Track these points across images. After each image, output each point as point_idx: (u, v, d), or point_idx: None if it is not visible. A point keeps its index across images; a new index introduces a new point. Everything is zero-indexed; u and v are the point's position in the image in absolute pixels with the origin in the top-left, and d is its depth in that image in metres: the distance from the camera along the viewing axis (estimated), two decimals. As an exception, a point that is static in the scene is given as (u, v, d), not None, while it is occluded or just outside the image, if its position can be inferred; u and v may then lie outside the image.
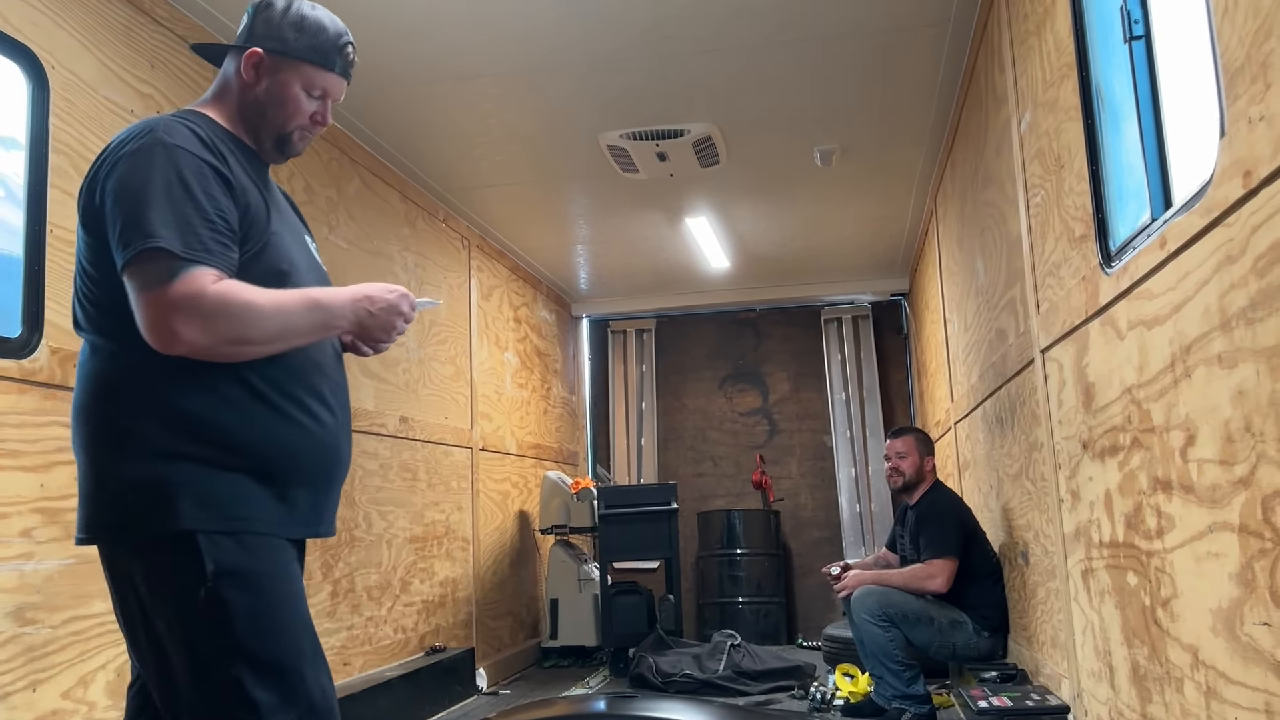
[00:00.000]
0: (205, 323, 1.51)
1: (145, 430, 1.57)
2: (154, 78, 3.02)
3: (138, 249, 1.51)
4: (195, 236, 1.53)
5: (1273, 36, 1.33)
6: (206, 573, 1.53)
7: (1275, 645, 1.45)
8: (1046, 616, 3.21)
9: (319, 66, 1.84)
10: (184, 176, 1.57)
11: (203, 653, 1.54)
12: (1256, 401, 1.46)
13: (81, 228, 1.64)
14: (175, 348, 1.52)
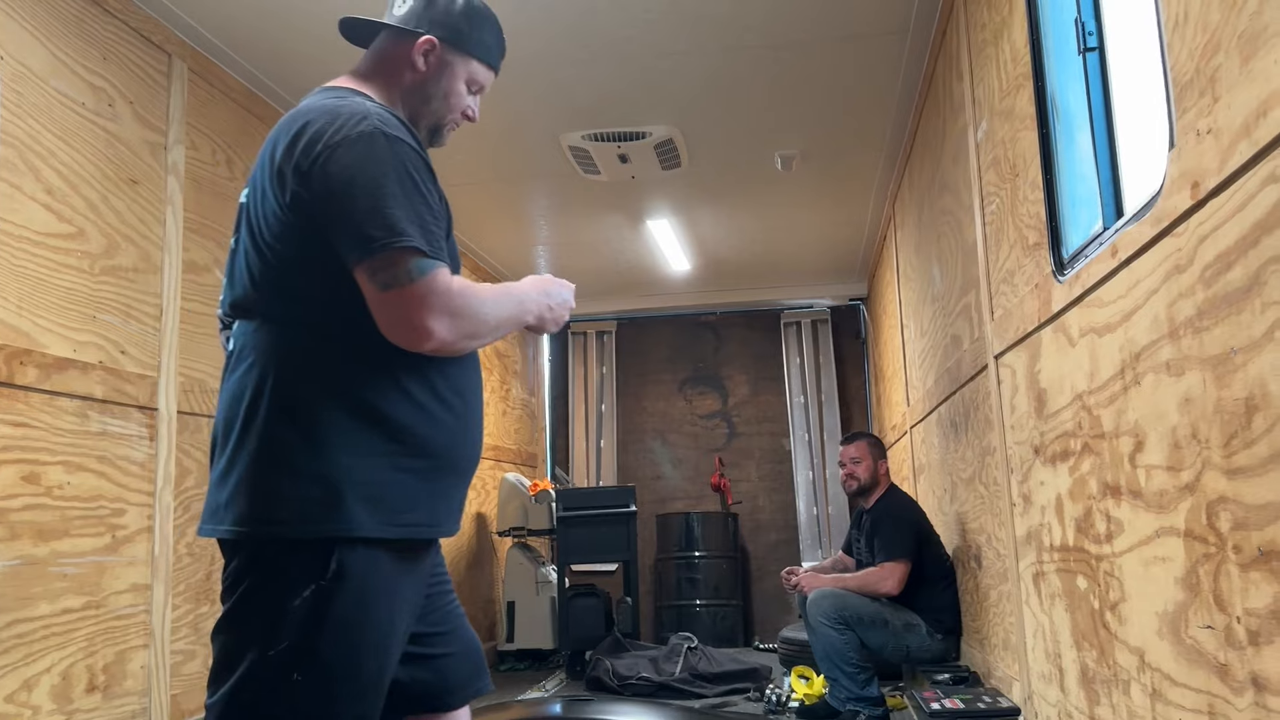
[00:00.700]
0: (454, 320, 1.50)
1: (331, 423, 1.51)
2: (106, 70, 2.97)
3: (386, 245, 1.46)
4: (432, 234, 1.51)
5: (1221, 51, 1.35)
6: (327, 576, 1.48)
7: (1218, 648, 1.48)
8: (998, 619, 3.24)
9: (484, 63, 1.84)
10: (410, 171, 1.55)
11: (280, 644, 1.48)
12: (1203, 409, 1.48)
13: (283, 210, 1.54)
14: (424, 344, 1.49)
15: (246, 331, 1.60)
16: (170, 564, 3.09)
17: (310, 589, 1.47)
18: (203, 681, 3.20)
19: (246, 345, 1.59)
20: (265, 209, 1.58)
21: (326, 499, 1.48)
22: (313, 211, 1.52)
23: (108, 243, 2.92)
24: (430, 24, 1.77)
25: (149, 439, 3.04)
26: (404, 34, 1.77)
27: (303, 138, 1.55)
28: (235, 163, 3.63)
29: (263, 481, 1.50)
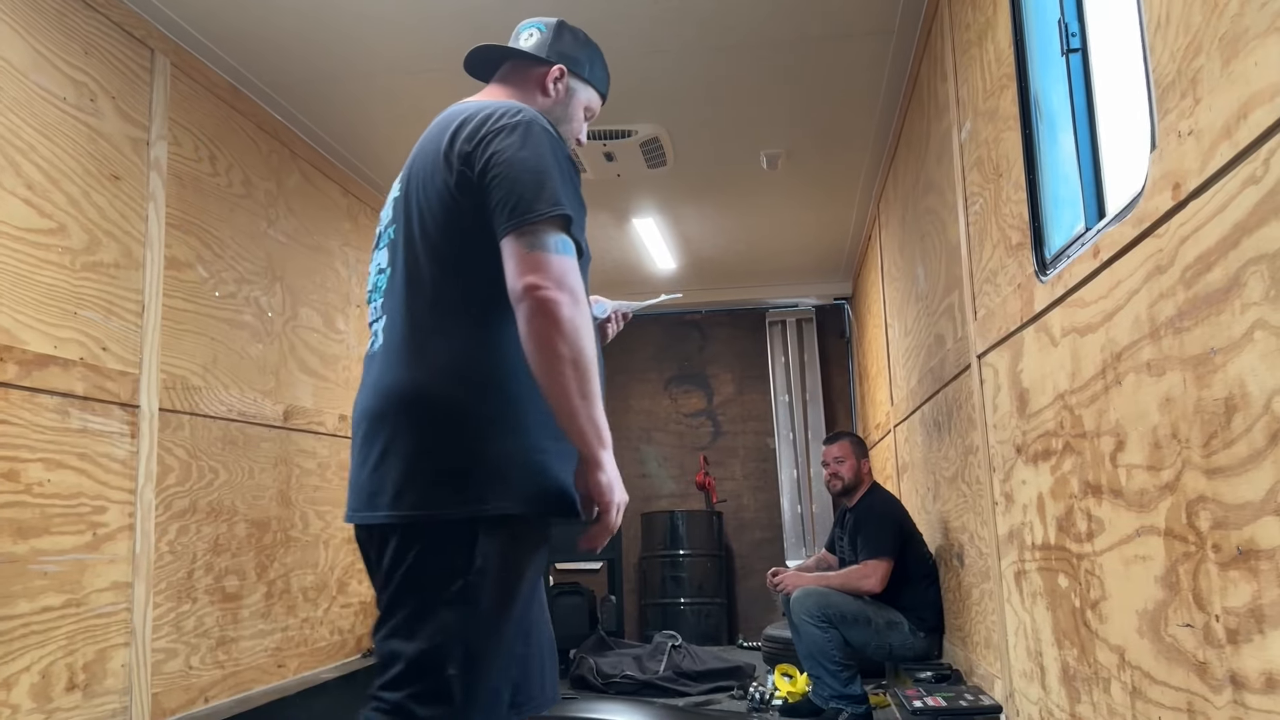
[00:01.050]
0: (578, 309, 1.56)
1: (481, 402, 1.59)
2: (88, 64, 2.95)
3: (546, 213, 1.55)
4: (580, 225, 1.62)
5: (1202, 53, 1.36)
6: (521, 548, 1.60)
7: (1197, 646, 1.49)
8: (980, 617, 3.26)
9: (598, 92, 2.03)
10: (566, 160, 1.66)
11: (477, 621, 1.57)
12: (1183, 409, 1.49)
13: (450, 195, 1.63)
14: (538, 310, 1.53)
15: (406, 320, 1.65)
16: (151, 562, 3.07)
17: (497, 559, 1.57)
18: (184, 681, 3.19)
19: (407, 333, 1.65)
20: (429, 197, 1.67)
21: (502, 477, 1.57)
22: (476, 190, 1.61)
23: (89, 238, 2.90)
24: (558, 54, 1.96)
25: (130, 436, 3.02)
26: (538, 61, 1.95)
27: (466, 126, 1.66)
28: (218, 158, 3.61)
29: (446, 463, 1.57)
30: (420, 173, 1.71)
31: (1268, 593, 1.25)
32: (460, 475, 1.57)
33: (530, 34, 1.99)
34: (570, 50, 1.98)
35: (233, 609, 3.53)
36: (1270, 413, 1.22)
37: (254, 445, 3.72)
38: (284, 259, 4.05)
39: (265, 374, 3.83)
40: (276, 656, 3.81)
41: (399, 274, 1.69)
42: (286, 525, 3.93)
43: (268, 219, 3.95)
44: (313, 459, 4.17)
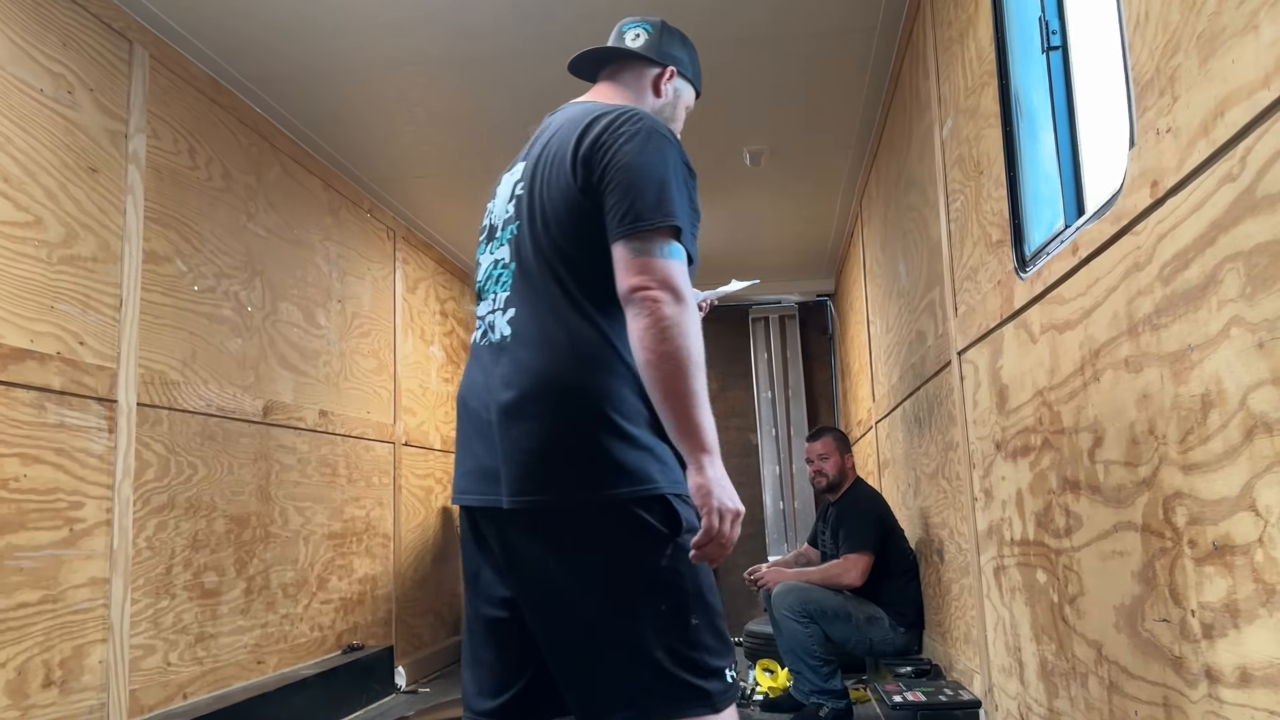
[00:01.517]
0: (681, 307, 1.59)
1: (624, 396, 1.63)
2: (66, 56, 2.92)
3: (658, 223, 1.60)
4: (693, 236, 1.67)
5: (1180, 51, 1.37)
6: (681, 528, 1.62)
7: (1173, 641, 1.50)
8: (960, 613, 3.27)
9: (697, 92, 2.09)
10: (685, 169, 1.70)
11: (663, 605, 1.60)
12: (1160, 405, 1.50)
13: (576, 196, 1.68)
14: (643, 309, 1.58)
15: (537, 314, 1.70)
16: (129, 558, 3.05)
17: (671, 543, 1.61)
18: (162, 677, 3.17)
19: (533, 325, 1.69)
20: (554, 197, 1.71)
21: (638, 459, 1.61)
22: (596, 193, 1.66)
23: (66, 232, 2.87)
24: (667, 55, 2.01)
25: (108, 431, 3.00)
26: (649, 63, 2.00)
27: (592, 130, 1.70)
28: (198, 151, 3.58)
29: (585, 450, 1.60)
30: (545, 173, 1.75)
31: (1242, 588, 1.26)
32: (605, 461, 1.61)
33: (636, 34, 2.03)
34: (676, 51, 2.03)
35: (212, 605, 3.51)
36: (1246, 409, 1.23)
37: (233, 441, 3.70)
38: (264, 253, 4.03)
39: (245, 369, 3.81)
40: (256, 653, 3.79)
41: (525, 270, 1.73)
42: (266, 521, 3.91)
43: (247, 213, 3.92)
44: (292, 455, 4.15)
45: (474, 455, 1.74)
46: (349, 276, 4.85)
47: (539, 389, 1.64)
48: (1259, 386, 1.19)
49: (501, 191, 1.90)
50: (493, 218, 1.89)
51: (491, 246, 1.86)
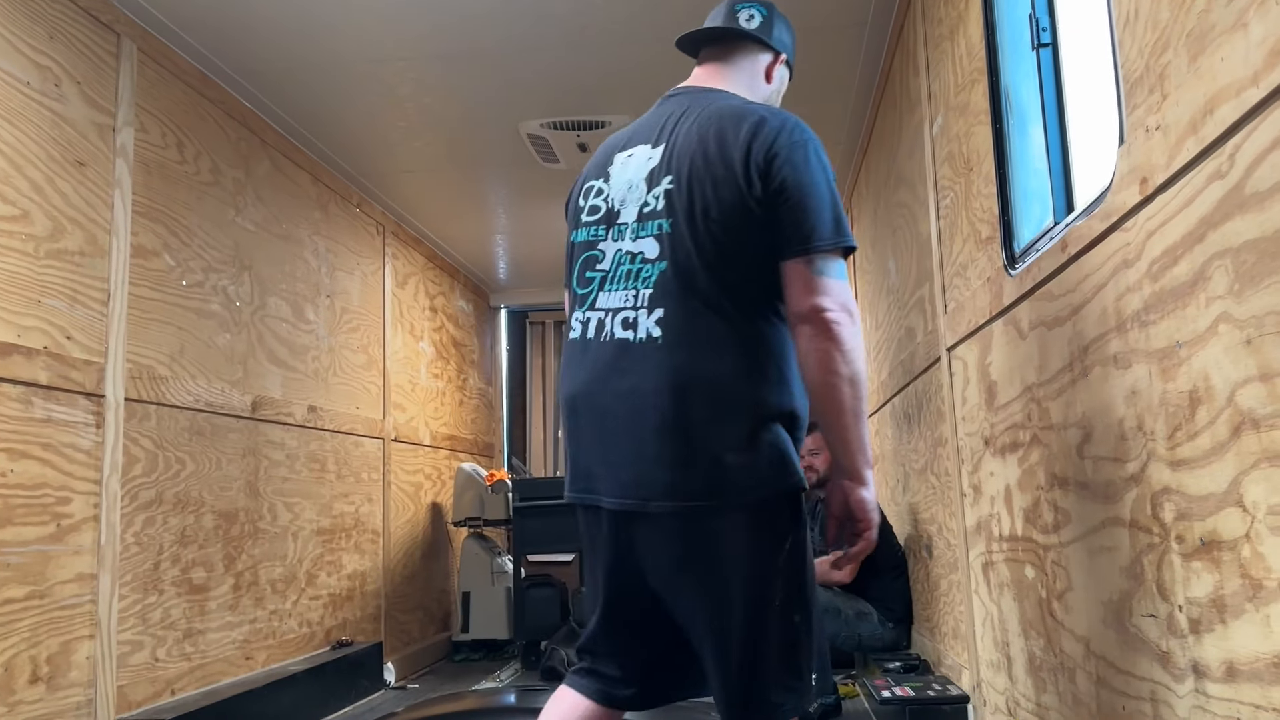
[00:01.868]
0: (856, 329, 1.69)
1: (765, 394, 1.69)
2: (53, 49, 2.90)
3: (836, 244, 1.68)
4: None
5: (1170, 49, 1.37)
6: (800, 523, 1.72)
7: (1160, 636, 1.51)
8: (948, 608, 3.29)
9: (791, 76, 2.09)
10: (835, 185, 1.76)
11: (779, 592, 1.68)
12: (1148, 402, 1.51)
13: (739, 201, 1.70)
14: (824, 330, 1.66)
15: (689, 315, 1.70)
16: (117, 553, 3.03)
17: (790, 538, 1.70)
18: (150, 673, 3.16)
19: (694, 329, 1.70)
20: (722, 199, 1.71)
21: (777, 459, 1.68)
22: (766, 204, 1.69)
23: (53, 225, 2.86)
24: (778, 41, 2.01)
25: (96, 426, 2.98)
26: (763, 47, 2.00)
27: (762, 138, 1.71)
28: (186, 145, 3.56)
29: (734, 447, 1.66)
30: (703, 171, 1.73)
31: (1229, 583, 1.27)
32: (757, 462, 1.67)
33: (750, 15, 1.99)
34: (785, 37, 2.02)
35: (200, 601, 3.50)
36: (1233, 405, 1.23)
37: (221, 436, 3.68)
38: (252, 248, 4.01)
39: (233, 364, 3.80)
40: (244, 649, 3.78)
41: (682, 270, 1.72)
42: (255, 517, 3.90)
43: (236, 207, 3.91)
44: (281, 450, 4.14)
45: (602, 455, 1.76)
46: (338, 271, 4.84)
47: (703, 394, 1.67)
48: (1247, 383, 1.20)
49: (623, 175, 1.86)
50: (611, 201, 1.85)
51: (614, 234, 1.82)
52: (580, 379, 1.80)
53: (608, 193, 1.87)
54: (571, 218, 1.97)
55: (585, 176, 1.97)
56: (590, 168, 1.97)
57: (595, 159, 1.98)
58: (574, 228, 1.93)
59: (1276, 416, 1.14)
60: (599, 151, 1.99)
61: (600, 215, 1.86)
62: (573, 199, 1.99)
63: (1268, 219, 1.13)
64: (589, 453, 1.79)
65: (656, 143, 1.83)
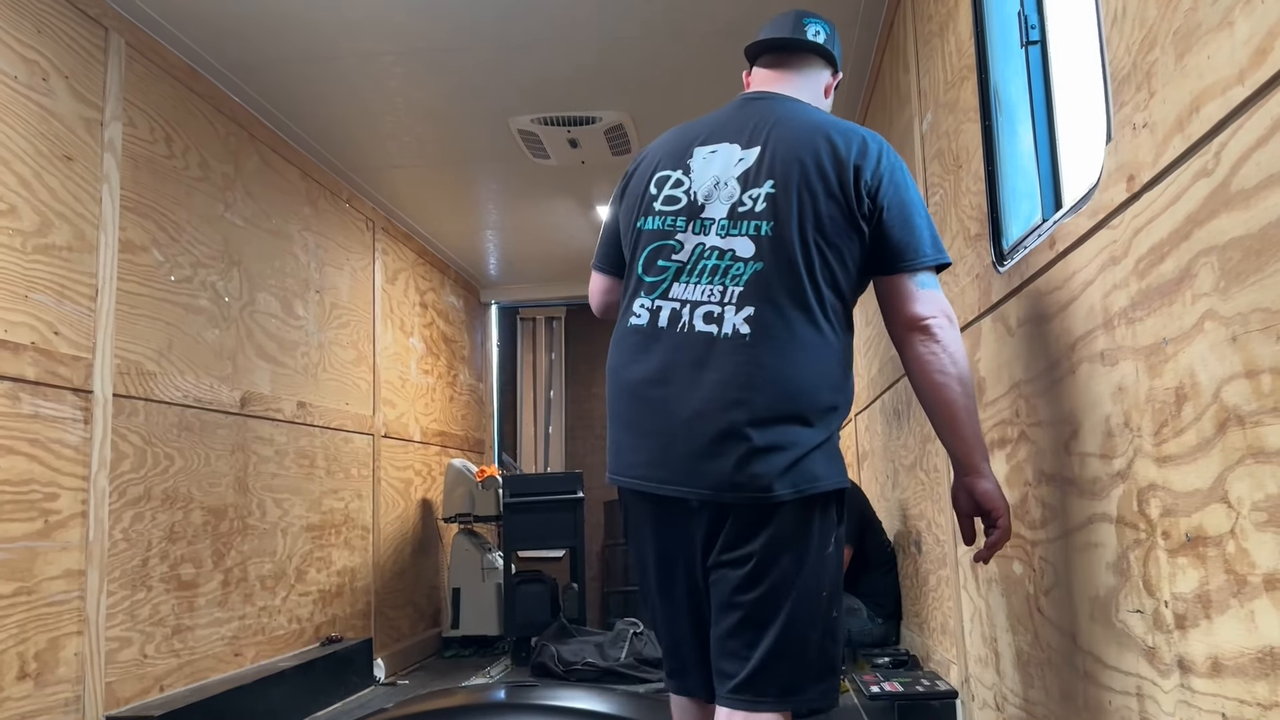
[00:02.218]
0: (954, 326, 1.86)
1: (834, 400, 1.80)
2: (40, 43, 2.89)
3: (938, 260, 1.85)
4: None
5: (1157, 46, 1.38)
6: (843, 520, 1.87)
7: (1146, 631, 1.52)
8: (937, 604, 3.30)
9: None
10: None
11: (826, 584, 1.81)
12: (1135, 398, 1.51)
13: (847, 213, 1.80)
14: (935, 337, 1.82)
15: (782, 319, 1.76)
16: (105, 550, 3.03)
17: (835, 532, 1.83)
18: (139, 670, 3.15)
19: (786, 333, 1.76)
20: (829, 213, 1.79)
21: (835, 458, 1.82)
22: (875, 222, 1.81)
23: (41, 220, 2.85)
24: (838, 61, 2.10)
25: (84, 422, 2.97)
26: (827, 64, 2.08)
27: (868, 159, 1.81)
28: (175, 140, 3.55)
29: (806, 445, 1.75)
30: (811, 183, 1.80)
31: (1214, 579, 1.28)
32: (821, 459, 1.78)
33: (817, 31, 2.05)
34: (839, 58, 2.10)
35: (189, 597, 3.49)
36: (1219, 402, 1.24)
37: (210, 432, 3.67)
38: (241, 243, 4.00)
39: (222, 360, 3.79)
40: (233, 645, 3.77)
41: (781, 273, 1.77)
42: (244, 513, 3.89)
43: (225, 202, 3.89)
44: (270, 446, 4.13)
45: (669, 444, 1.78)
46: (327, 267, 4.83)
47: (785, 394, 1.74)
48: (1232, 380, 1.21)
49: (708, 170, 1.88)
50: (693, 194, 1.87)
51: (696, 227, 1.84)
52: (650, 367, 1.82)
53: (689, 185, 1.88)
54: (635, 202, 1.95)
55: (654, 163, 1.96)
56: (660, 155, 1.96)
57: (666, 147, 1.97)
58: (641, 213, 1.92)
59: (1262, 413, 1.14)
60: (670, 140, 1.99)
61: (680, 206, 1.87)
62: (636, 182, 1.98)
63: (1253, 216, 1.14)
64: (653, 442, 1.80)
65: (749, 144, 1.86)
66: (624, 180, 2.04)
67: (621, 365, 1.88)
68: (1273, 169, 1.09)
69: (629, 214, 1.96)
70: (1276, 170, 1.09)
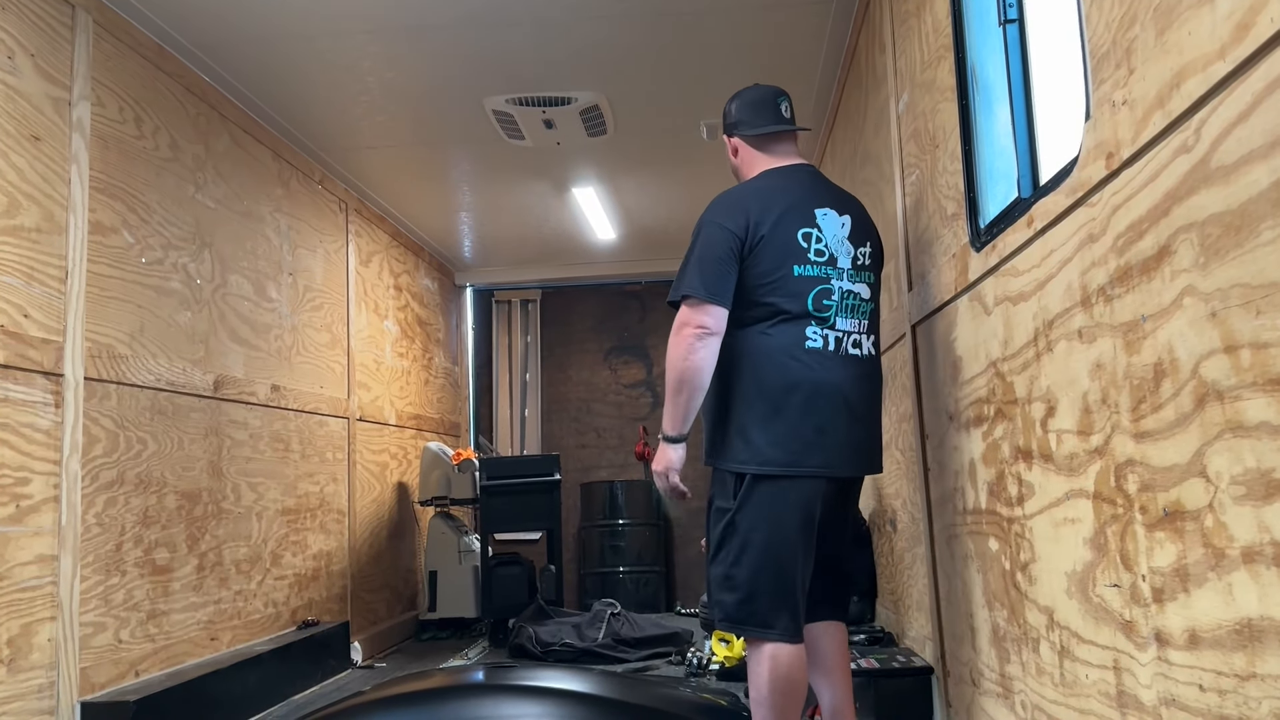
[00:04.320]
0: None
1: None
2: (5, 20, 2.83)
3: None
4: None
5: (1137, 23, 1.38)
6: None
7: (1123, 606, 1.53)
8: (912, 581, 3.32)
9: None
10: None
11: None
12: (1113, 375, 1.53)
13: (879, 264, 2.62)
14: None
15: (876, 345, 2.56)
16: (78, 534, 2.99)
17: None
18: (114, 655, 3.13)
19: (878, 349, 2.57)
20: (874, 260, 2.58)
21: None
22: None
23: (8, 202, 2.80)
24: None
25: (55, 406, 2.93)
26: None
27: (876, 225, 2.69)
28: (144, 120, 3.50)
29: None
30: (868, 248, 2.56)
31: (1192, 552, 1.29)
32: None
33: (789, 107, 2.68)
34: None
35: (163, 582, 3.46)
36: (1198, 377, 1.25)
37: (183, 415, 3.64)
38: (213, 225, 3.95)
39: (194, 343, 3.75)
40: (209, 629, 3.75)
41: (875, 309, 2.57)
42: (218, 497, 3.86)
43: (196, 183, 3.84)
44: (244, 430, 4.09)
45: (845, 437, 2.41)
46: (300, 249, 4.78)
47: (878, 398, 2.55)
48: (1211, 355, 1.22)
49: (830, 229, 2.48)
50: (828, 249, 2.46)
51: (836, 275, 2.45)
52: (832, 380, 2.40)
53: (825, 241, 2.46)
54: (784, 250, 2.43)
55: (787, 218, 2.45)
56: (783, 210, 2.45)
57: (785, 203, 2.47)
58: (796, 261, 2.42)
59: (1240, 388, 1.16)
60: (780, 198, 2.48)
61: (825, 259, 2.45)
62: (774, 231, 2.43)
63: (1233, 192, 1.15)
64: (833, 436, 2.38)
65: (841, 211, 2.52)
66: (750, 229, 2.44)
67: (803, 373, 2.38)
68: (1253, 145, 1.10)
69: (779, 258, 2.42)
70: (1257, 146, 1.09)
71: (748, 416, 2.41)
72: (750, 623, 2.40)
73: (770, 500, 2.38)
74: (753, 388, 2.41)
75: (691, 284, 2.42)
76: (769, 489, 2.38)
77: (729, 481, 2.47)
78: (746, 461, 2.40)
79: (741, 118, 2.65)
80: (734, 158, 2.71)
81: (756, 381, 2.40)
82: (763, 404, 2.39)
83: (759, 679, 2.39)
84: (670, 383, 2.43)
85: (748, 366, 2.42)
